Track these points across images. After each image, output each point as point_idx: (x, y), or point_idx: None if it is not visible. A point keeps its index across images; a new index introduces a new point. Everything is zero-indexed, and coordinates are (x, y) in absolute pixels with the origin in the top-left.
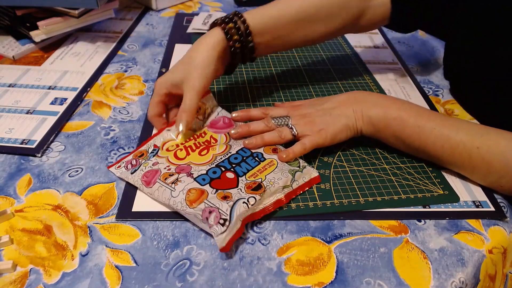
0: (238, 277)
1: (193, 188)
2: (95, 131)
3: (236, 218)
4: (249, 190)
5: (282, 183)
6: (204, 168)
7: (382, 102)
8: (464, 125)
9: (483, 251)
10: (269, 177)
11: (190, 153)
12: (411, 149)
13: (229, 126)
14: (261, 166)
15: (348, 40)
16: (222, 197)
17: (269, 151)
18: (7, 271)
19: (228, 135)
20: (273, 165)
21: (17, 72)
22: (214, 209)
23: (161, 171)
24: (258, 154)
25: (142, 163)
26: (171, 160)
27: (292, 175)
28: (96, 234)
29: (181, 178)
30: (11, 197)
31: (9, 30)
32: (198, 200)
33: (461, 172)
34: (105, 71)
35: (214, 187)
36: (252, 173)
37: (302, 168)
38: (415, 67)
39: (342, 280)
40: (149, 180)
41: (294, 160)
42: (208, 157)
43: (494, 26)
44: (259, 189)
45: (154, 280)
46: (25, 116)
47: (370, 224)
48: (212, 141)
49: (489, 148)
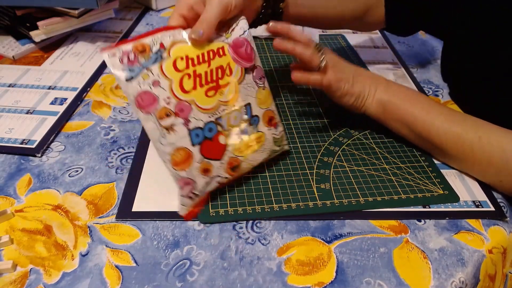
0: (238, 277)
1: (183, 148)
2: (95, 131)
3: (205, 193)
4: (228, 168)
5: (256, 164)
6: (203, 117)
7: (394, 88)
8: (468, 118)
9: (483, 251)
10: (250, 157)
11: (197, 87)
12: (414, 135)
13: (249, 58)
14: (250, 141)
15: (348, 40)
16: (203, 169)
17: (266, 121)
18: (7, 271)
19: (244, 71)
20: (260, 142)
21: (17, 72)
22: (191, 182)
23: (159, 102)
24: (255, 120)
25: (142, 69)
26: (174, 90)
27: (269, 156)
28: (96, 234)
29: (176, 127)
30: (11, 197)
31: (9, 30)
32: (182, 165)
33: (462, 165)
34: (105, 71)
35: (202, 153)
36: (240, 146)
37: (281, 149)
38: (415, 67)
39: (342, 280)
40: (144, 105)
41: (280, 137)
42: (213, 102)
43: (493, 27)
44: (236, 170)
45: (154, 280)
46: (25, 116)
47: (370, 224)
48: (227, 71)
49: (490, 139)
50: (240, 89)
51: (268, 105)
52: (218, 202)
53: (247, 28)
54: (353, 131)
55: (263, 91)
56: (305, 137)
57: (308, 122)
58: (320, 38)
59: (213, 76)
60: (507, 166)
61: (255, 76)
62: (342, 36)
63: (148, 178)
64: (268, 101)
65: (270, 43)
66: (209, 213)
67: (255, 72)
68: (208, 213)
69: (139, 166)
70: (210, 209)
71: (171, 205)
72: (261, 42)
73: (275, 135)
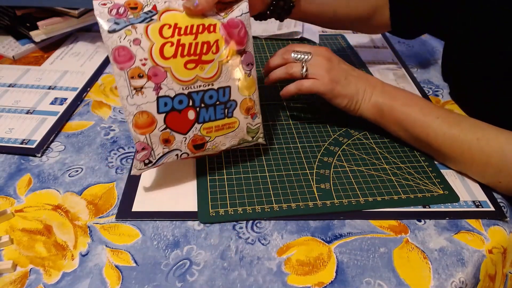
0: (238, 277)
1: (147, 112)
2: (95, 131)
3: (161, 162)
4: (191, 145)
5: (223, 148)
6: (176, 87)
7: (390, 90)
8: (466, 119)
9: (483, 251)
10: (217, 140)
11: (177, 56)
12: (412, 137)
13: (240, 41)
14: (222, 123)
15: (348, 40)
16: (164, 139)
17: (244, 109)
18: (7, 271)
19: (230, 53)
20: (232, 128)
21: (17, 72)
22: (149, 148)
23: (134, 61)
24: (231, 105)
25: (127, 24)
26: (153, 53)
27: (239, 143)
28: (96, 234)
29: (146, 90)
30: (11, 197)
31: (9, 30)
32: (143, 129)
33: (460, 167)
34: (105, 71)
35: (166, 124)
36: (209, 126)
37: (255, 140)
38: (415, 67)
39: (342, 280)
40: (119, 60)
41: (255, 128)
42: (190, 75)
43: (494, 27)
44: (200, 149)
45: (154, 280)
46: (25, 116)
47: (370, 224)
48: (213, 48)
49: (488, 140)
50: (223, 69)
51: (250, 94)
52: (218, 202)
53: (246, 11)
54: (353, 131)
55: (248, 78)
56: (305, 137)
57: (308, 122)
58: (320, 38)
59: (197, 49)
60: (506, 167)
61: (243, 61)
62: (342, 36)
63: (148, 178)
64: (251, 89)
65: (270, 43)
66: (209, 213)
67: (244, 57)
68: (208, 213)
69: None
70: (210, 209)
71: (171, 205)
72: (261, 42)
73: (250, 125)
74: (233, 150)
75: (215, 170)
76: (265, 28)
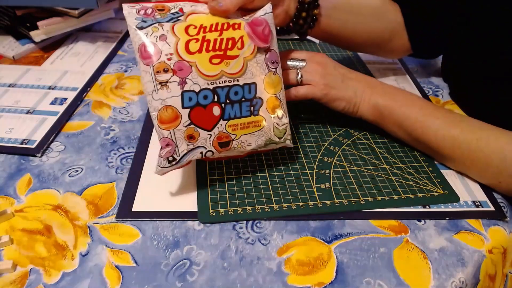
0: (238, 277)
1: (171, 107)
2: (95, 131)
3: (186, 161)
4: (216, 142)
5: (249, 148)
6: (201, 82)
7: (390, 92)
8: (466, 119)
9: (483, 251)
10: (243, 138)
11: (203, 50)
12: (412, 138)
13: (265, 39)
14: (247, 121)
15: None
16: (189, 135)
17: (270, 107)
18: (7, 271)
19: (255, 50)
20: (257, 126)
21: (17, 72)
22: (173, 144)
23: (160, 56)
24: (257, 102)
25: (154, 22)
26: (179, 48)
27: (265, 144)
28: (96, 234)
29: (170, 85)
30: (11, 197)
31: (9, 30)
32: (167, 125)
33: (460, 167)
34: (105, 71)
35: (191, 118)
36: (234, 123)
37: (282, 142)
38: (415, 67)
39: (342, 280)
40: (145, 56)
41: (282, 129)
42: (215, 70)
43: (494, 27)
44: (226, 147)
45: (154, 280)
46: (25, 116)
47: (370, 224)
48: (238, 44)
49: (488, 140)
50: (248, 66)
51: (276, 92)
52: (218, 202)
53: (269, 11)
54: (353, 131)
55: (273, 76)
56: (305, 137)
57: (308, 122)
58: None
59: (222, 44)
60: (506, 167)
61: (268, 59)
62: None
63: (148, 178)
64: (277, 87)
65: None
66: (209, 213)
67: (269, 54)
68: (208, 213)
69: (139, 166)
70: (210, 209)
71: (171, 205)
72: None
73: (277, 125)
74: None
75: (215, 170)
76: None
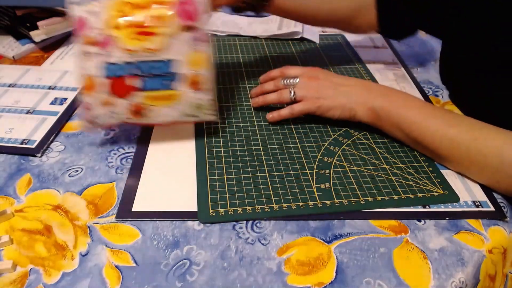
0: (238, 277)
1: (92, 76)
2: None
3: (106, 123)
4: (133, 111)
5: (169, 119)
6: (122, 56)
7: (387, 93)
8: (464, 119)
9: (483, 251)
10: (162, 109)
11: (128, 26)
12: (410, 139)
13: (190, 17)
14: (167, 94)
15: (348, 40)
16: (105, 102)
17: (189, 82)
18: (7, 271)
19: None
20: (175, 99)
21: (17, 72)
22: (90, 108)
23: (90, 30)
24: (178, 77)
25: (90, 1)
26: (107, 24)
27: (186, 115)
28: (96, 234)
29: (94, 56)
30: (11, 197)
31: (9, 30)
32: (88, 91)
33: (459, 168)
34: None
35: (108, 87)
36: (153, 94)
37: (205, 116)
38: (415, 67)
39: (342, 280)
40: (78, 28)
41: (204, 104)
42: (137, 45)
43: (492, 26)
44: (142, 116)
45: (154, 280)
46: (25, 116)
47: (370, 224)
48: (163, 21)
49: (486, 141)
50: (172, 42)
51: (197, 69)
52: (218, 202)
53: None
54: (353, 131)
55: (198, 54)
56: (305, 137)
57: (308, 122)
58: (320, 38)
59: (147, 21)
60: (504, 166)
61: (194, 37)
62: (342, 36)
63: (148, 178)
64: (201, 65)
65: (270, 43)
66: (209, 213)
67: (195, 33)
68: (208, 213)
69: (139, 166)
70: (210, 209)
71: (171, 205)
72: (261, 42)
73: (200, 100)
74: (232, 149)
75: (215, 170)
76: (266, 28)
